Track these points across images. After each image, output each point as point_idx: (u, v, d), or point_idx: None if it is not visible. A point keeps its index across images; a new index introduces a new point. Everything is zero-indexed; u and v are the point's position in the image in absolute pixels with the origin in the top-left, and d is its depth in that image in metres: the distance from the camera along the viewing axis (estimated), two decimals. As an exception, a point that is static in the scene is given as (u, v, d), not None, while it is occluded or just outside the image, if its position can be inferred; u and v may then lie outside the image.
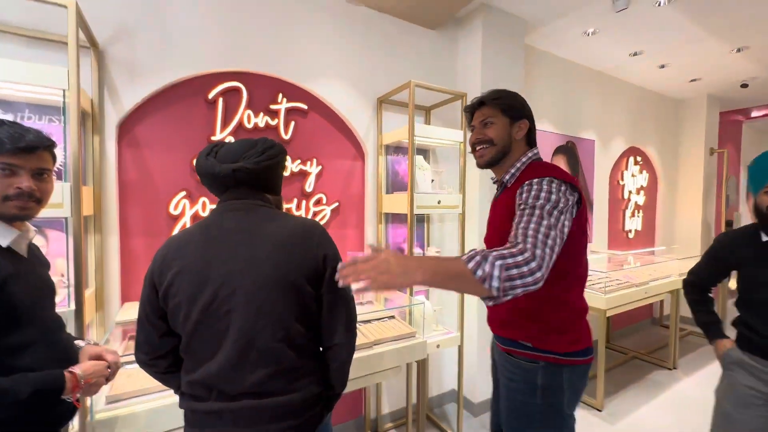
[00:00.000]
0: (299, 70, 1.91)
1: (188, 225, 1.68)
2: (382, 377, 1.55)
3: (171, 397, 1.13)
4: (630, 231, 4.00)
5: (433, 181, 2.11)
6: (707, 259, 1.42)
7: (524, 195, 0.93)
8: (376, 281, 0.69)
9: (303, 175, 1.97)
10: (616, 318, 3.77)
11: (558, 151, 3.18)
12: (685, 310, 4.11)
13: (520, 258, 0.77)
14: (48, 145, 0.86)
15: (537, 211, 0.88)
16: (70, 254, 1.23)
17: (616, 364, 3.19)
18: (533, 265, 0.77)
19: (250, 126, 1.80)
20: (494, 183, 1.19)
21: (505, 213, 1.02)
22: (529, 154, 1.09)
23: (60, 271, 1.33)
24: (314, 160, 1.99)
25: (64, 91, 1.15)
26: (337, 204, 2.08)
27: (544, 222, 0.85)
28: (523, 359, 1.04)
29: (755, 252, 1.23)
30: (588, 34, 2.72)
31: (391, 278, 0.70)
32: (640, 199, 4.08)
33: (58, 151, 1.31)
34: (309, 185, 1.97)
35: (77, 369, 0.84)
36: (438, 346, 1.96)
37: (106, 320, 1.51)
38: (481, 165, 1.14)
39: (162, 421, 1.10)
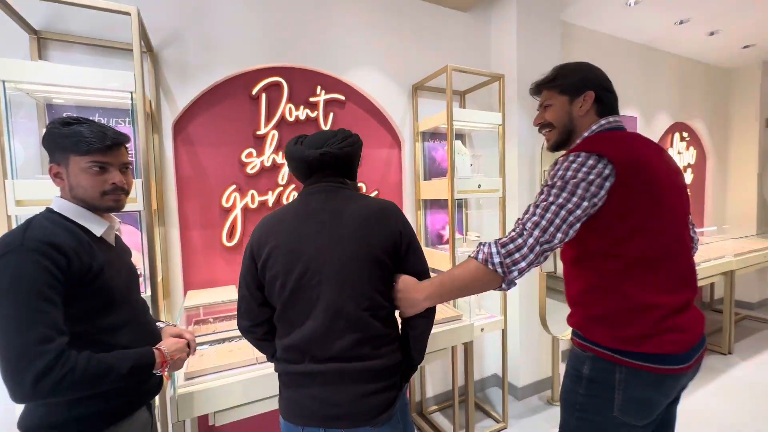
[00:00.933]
0: (336, 61, 1.95)
1: (239, 217, 1.77)
2: (430, 359, 1.58)
3: (239, 375, 1.21)
4: (676, 211, 3.80)
5: (471, 165, 2.10)
6: None
7: (547, 175, 0.94)
8: None
9: (343, 165, 2.01)
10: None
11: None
12: (740, 293, 3.89)
13: (512, 233, 0.87)
14: (126, 140, 0.93)
15: (544, 189, 0.90)
16: (144, 245, 1.33)
17: (664, 349, 3.07)
18: (519, 241, 0.85)
19: (291, 119, 1.86)
20: None
21: None
22: (594, 127, 0.98)
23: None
24: (353, 150, 2.02)
25: (131, 93, 1.24)
26: (376, 192, 2.11)
27: (542, 198, 0.89)
28: (575, 345, 1.01)
29: None
30: (629, 5, 2.58)
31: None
32: (688, 177, 3.86)
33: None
34: (349, 175, 2.01)
35: (163, 346, 0.92)
36: (482, 330, 1.97)
37: (172, 308, 1.63)
38: (549, 148, 1.10)
39: (233, 396, 1.19)
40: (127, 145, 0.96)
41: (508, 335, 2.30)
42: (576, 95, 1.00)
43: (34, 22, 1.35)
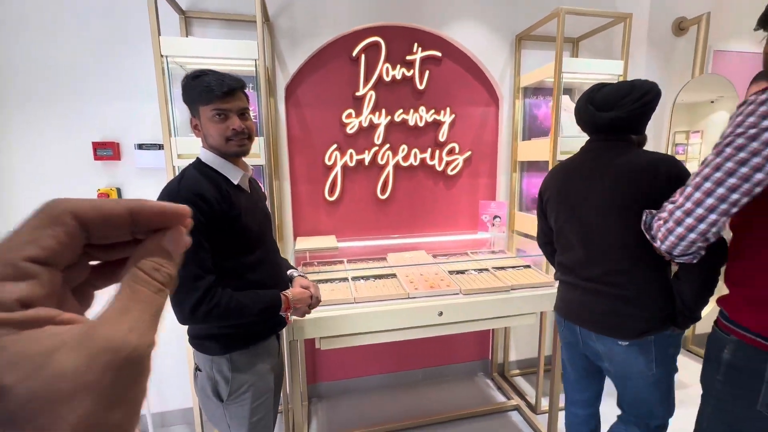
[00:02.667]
0: (434, 15, 1.89)
1: (339, 174, 1.93)
2: (517, 321, 1.58)
3: (339, 311, 1.39)
4: None
5: (579, 123, 1.89)
6: None
7: None
8: None
9: (436, 124, 2.00)
10: None
11: (759, 77, 2.42)
12: None
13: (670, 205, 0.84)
14: (243, 85, 0.99)
15: (714, 149, 0.75)
16: (267, 193, 1.57)
17: None
18: (671, 207, 0.83)
19: (388, 79, 1.90)
20: None
21: None
22: None
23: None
24: (447, 109, 1.99)
25: (255, 61, 1.42)
26: (469, 153, 2.07)
27: (710, 161, 0.75)
28: (716, 326, 0.90)
29: None
30: None
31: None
32: None
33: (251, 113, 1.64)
34: (442, 135, 2.00)
35: (289, 293, 1.05)
36: (576, 301, 1.86)
37: (284, 251, 1.91)
38: None
39: (335, 326, 1.38)
40: (246, 91, 1.01)
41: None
42: None
43: (182, 3, 1.60)
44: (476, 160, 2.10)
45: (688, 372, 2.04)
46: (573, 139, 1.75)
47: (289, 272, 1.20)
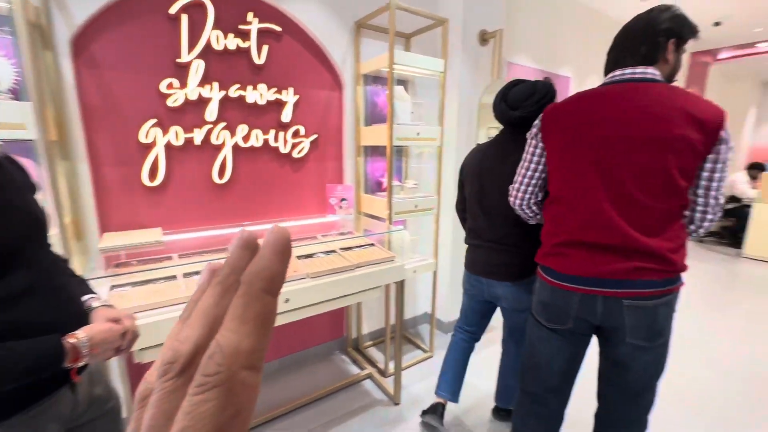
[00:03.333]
0: (270, -15, 1.75)
1: (161, 155, 1.63)
2: (363, 296, 1.68)
3: (165, 314, 1.19)
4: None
5: (412, 113, 2.11)
6: None
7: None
8: None
9: (279, 104, 1.90)
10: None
11: (535, 87, 3.19)
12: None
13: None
14: None
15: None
16: (44, 179, 1.18)
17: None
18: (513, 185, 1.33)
19: (219, 48, 1.68)
20: None
21: None
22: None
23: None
24: (291, 90, 1.91)
25: (6, -7, 1.02)
26: (316, 136, 2.05)
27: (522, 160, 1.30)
28: None
29: None
30: (574, -41, 2.60)
31: None
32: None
33: (11, 67, 1.20)
34: (286, 116, 1.92)
35: (82, 334, 0.71)
36: (414, 272, 2.11)
37: (87, 250, 1.51)
38: None
39: (159, 334, 1.18)
40: None
41: (438, 276, 2.50)
42: None
43: None
44: (323, 143, 2.10)
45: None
46: (407, 126, 1.94)
47: (85, 299, 0.84)
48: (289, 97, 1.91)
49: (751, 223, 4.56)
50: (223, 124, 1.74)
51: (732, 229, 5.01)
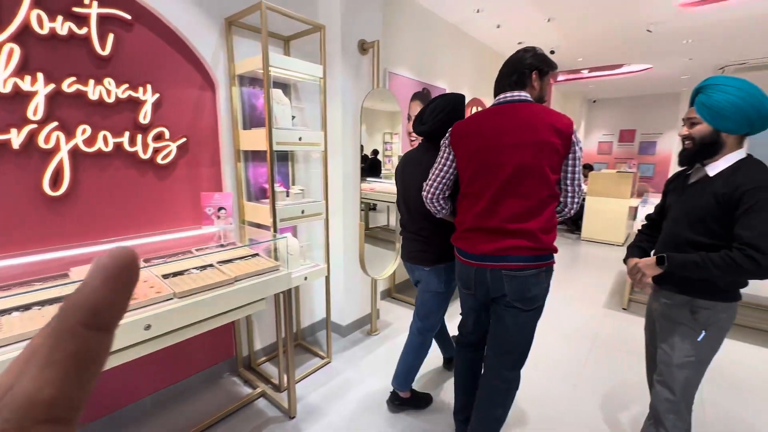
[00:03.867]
0: (113, -35, 1.52)
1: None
2: (246, 312, 1.57)
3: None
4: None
5: (294, 117, 2.06)
6: None
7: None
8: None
9: (135, 103, 1.66)
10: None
11: (415, 96, 3.45)
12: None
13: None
14: None
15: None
16: None
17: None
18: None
19: (43, 32, 1.38)
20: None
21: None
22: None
23: None
24: (148, 87, 1.68)
25: None
26: (184, 140, 1.85)
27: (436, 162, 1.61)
28: None
29: None
30: (440, -16, 2.90)
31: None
32: (480, 144, 4.84)
33: None
34: (144, 116, 1.68)
35: None
36: (305, 279, 2.07)
37: None
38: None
39: None
40: None
41: (332, 282, 2.50)
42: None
43: None
44: (195, 148, 1.90)
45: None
46: (288, 131, 1.89)
47: None
48: (147, 95, 1.68)
49: (585, 212, 5.72)
50: (54, 124, 1.44)
51: (573, 218, 6.22)
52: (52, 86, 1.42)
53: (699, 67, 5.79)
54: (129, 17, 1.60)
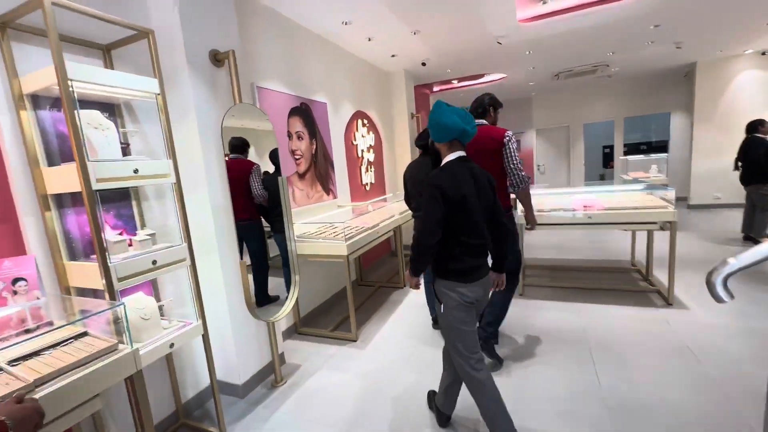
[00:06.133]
0: None
1: None
2: (75, 418, 1.11)
3: None
4: (367, 184, 4.70)
5: (128, 145, 1.62)
6: None
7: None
8: None
9: None
10: (365, 257, 4.44)
11: (293, 112, 3.20)
12: (408, 239, 5.36)
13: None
14: None
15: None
16: None
17: (367, 296, 3.78)
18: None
19: None
20: None
21: None
22: None
23: None
24: None
25: None
26: (-60, 190, 1.27)
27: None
28: None
29: None
30: (300, -7, 2.73)
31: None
32: (371, 156, 4.82)
33: None
34: None
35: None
36: (172, 346, 1.63)
37: None
38: None
39: None
40: None
41: (217, 336, 2.07)
42: None
43: None
44: None
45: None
46: (116, 163, 1.46)
47: None
48: None
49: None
50: None
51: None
52: None
53: (540, 75, 6.82)
54: None
